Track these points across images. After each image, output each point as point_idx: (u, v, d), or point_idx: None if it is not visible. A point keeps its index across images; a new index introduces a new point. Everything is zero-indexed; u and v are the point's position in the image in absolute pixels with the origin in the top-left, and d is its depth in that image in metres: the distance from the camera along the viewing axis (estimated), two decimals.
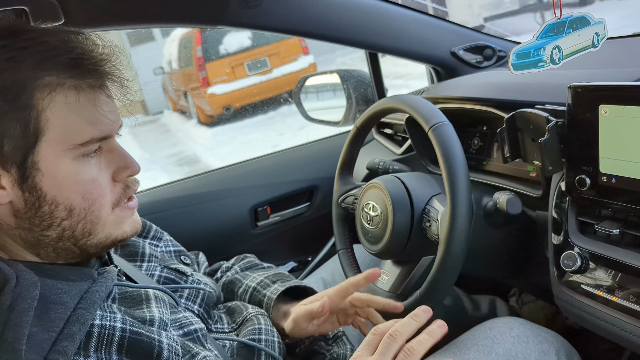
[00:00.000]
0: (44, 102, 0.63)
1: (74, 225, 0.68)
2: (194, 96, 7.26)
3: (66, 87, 0.65)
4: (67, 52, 0.65)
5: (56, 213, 0.67)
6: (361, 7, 1.31)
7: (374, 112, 1.05)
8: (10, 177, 0.64)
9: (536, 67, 0.81)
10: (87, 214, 0.69)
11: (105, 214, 0.71)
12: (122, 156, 0.72)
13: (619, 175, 0.78)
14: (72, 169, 0.66)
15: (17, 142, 0.63)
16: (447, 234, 0.83)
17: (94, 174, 0.69)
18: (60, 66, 0.64)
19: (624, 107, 0.75)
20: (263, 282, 1.01)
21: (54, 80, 0.64)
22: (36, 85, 0.63)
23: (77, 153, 0.67)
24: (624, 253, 0.78)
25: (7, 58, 0.63)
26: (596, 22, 0.82)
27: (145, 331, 0.67)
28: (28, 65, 0.63)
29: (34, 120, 0.63)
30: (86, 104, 0.66)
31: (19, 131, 0.63)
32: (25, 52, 0.63)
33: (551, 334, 0.96)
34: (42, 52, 0.64)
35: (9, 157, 0.63)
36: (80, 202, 0.68)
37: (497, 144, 1.15)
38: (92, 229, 0.70)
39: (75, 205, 0.67)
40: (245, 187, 1.59)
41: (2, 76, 0.62)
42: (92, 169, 0.68)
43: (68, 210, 0.67)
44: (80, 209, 0.68)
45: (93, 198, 0.68)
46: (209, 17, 1.18)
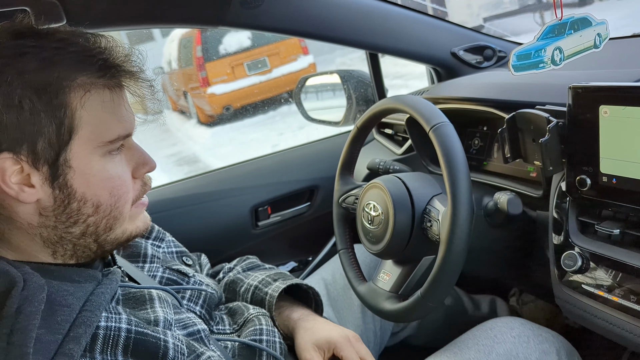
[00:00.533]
0: (79, 102, 0.65)
1: (98, 222, 0.70)
2: (193, 96, 7.26)
3: (99, 86, 0.67)
4: (99, 54, 0.67)
5: (83, 210, 0.69)
6: (361, 8, 1.32)
7: (375, 112, 1.05)
8: (40, 176, 0.65)
9: (537, 68, 0.81)
10: (112, 210, 0.71)
11: (127, 210, 0.73)
12: (140, 153, 0.75)
13: (619, 175, 0.78)
14: (101, 166, 0.69)
15: (51, 140, 0.64)
16: (448, 234, 0.83)
17: (120, 170, 0.71)
18: (93, 67, 0.67)
19: (625, 107, 0.75)
20: (264, 280, 1.01)
21: (88, 80, 0.66)
22: (71, 85, 0.65)
23: (105, 150, 0.69)
24: (624, 253, 0.79)
25: (43, 58, 0.64)
26: (598, 22, 0.82)
27: (150, 331, 0.68)
28: (64, 65, 0.65)
29: (68, 118, 0.65)
30: (116, 103, 0.69)
31: (54, 130, 0.64)
32: (60, 53, 0.65)
33: (552, 334, 0.96)
34: (77, 53, 0.66)
35: (42, 155, 0.65)
36: (108, 199, 0.70)
37: (497, 144, 1.15)
38: (114, 224, 0.72)
39: (102, 202, 0.69)
40: (246, 187, 1.59)
41: (37, 76, 0.63)
42: (118, 166, 0.71)
43: (95, 207, 0.69)
44: (107, 205, 0.70)
45: (119, 194, 0.71)
46: (210, 17, 1.18)
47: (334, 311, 1.20)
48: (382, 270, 1.03)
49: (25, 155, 0.64)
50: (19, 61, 0.63)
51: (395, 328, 1.28)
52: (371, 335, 1.19)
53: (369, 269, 1.21)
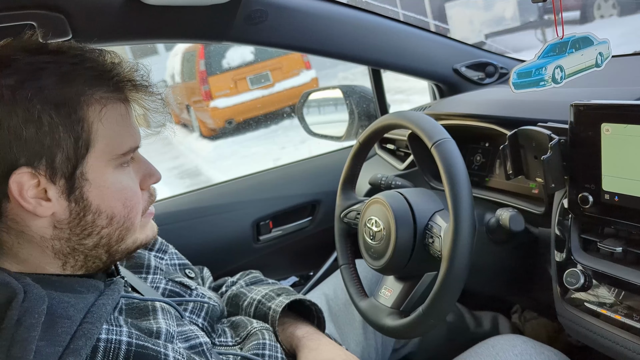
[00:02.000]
0: (96, 116, 0.67)
1: (112, 233, 0.72)
2: (196, 109, 7.29)
3: (114, 100, 0.70)
4: (113, 69, 0.70)
5: (98, 221, 0.70)
6: (364, 24, 1.33)
7: (377, 128, 1.06)
8: (57, 189, 0.66)
9: (537, 86, 0.81)
10: (125, 221, 0.72)
11: (138, 220, 0.75)
12: (146, 165, 0.77)
13: (621, 193, 0.78)
14: (114, 178, 0.70)
15: (69, 154, 0.66)
16: (450, 250, 0.83)
17: (131, 182, 0.73)
18: (109, 82, 0.69)
19: (626, 125, 0.75)
20: (268, 295, 1.00)
21: (105, 94, 0.68)
22: (89, 100, 0.67)
23: (118, 162, 0.71)
24: (627, 271, 0.78)
25: (61, 74, 0.65)
26: (600, 42, 0.82)
27: (151, 344, 0.67)
28: (81, 80, 0.67)
29: (85, 133, 0.66)
30: (128, 117, 0.72)
31: (72, 144, 0.66)
32: (77, 69, 0.67)
33: (554, 352, 0.96)
34: (93, 69, 0.68)
35: (59, 169, 0.66)
36: (121, 210, 0.71)
37: (499, 160, 1.15)
38: (126, 234, 0.74)
39: (116, 213, 0.71)
40: (248, 201, 1.59)
41: (57, 91, 0.64)
42: (129, 178, 0.73)
43: (109, 218, 0.71)
44: (121, 216, 0.71)
45: (132, 205, 0.73)
46: (214, 33, 1.19)
47: (336, 327, 1.19)
48: (384, 286, 1.02)
49: (43, 170, 0.65)
50: (37, 77, 0.64)
51: (396, 344, 1.28)
52: (372, 351, 1.19)
53: (370, 285, 1.21)
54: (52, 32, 0.98)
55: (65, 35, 1.00)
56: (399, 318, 0.95)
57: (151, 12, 1.09)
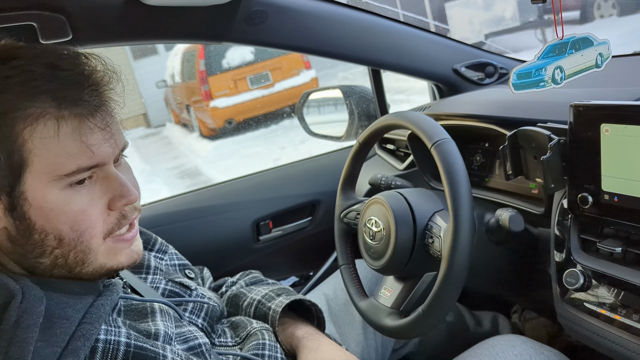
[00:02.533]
0: (25, 134, 0.62)
1: (65, 254, 0.68)
2: (196, 109, 7.29)
3: (47, 117, 0.63)
4: (51, 81, 0.64)
5: (47, 242, 0.67)
6: (364, 25, 1.33)
7: (377, 128, 1.06)
8: (1, 204, 0.65)
9: (537, 87, 0.81)
10: (77, 244, 0.68)
11: (96, 244, 0.69)
12: (118, 184, 0.69)
13: (621, 193, 0.78)
14: (60, 200, 0.65)
15: (3, 171, 0.63)
16: (449, 251, 0.83)
17: (84, 204, 0.67)
18: (43, 96, 0.63)
19: (626, 126, 0.76)
20: (268, 295, 1.01)
21: (36, 110, 0.63)
22: (18, 116, 0.62)
23: (65, 183, 0.65)
24: (626, 271, 0.79)
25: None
26: (600, 42, 0.82)
27: (149, 345, 0.68)
28: (10, 95, 0.62)
29: (17, 151, 0.63)
30: (67, 136, 0.64)
31: (3, 161, 0.63)
32: (9, 82, 0.62)
33: (553, 352, 0.96)
34: (25, 82, 0.63)
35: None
36: (69, 233, 0.67)
37: (499, 160, 1.16)
38: (85, 258, 0.69)
39: (64, 235, 0.67)
40: (248, 201, 1.59)
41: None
42: (82, 199, 0.67)
43: (58, 240, 0.67)
44: (70, 239, 0.67)
45: (82, 229, 0.67)
46: (214, 33, 1.19)
47: (335, 327, 1.19)
48: (384, 286, 1.02)
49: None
50: None
51: (396, 344, 1.28)
52: (372, 351, 1.19)
53: (370, 285, 1.21)
54: (53, 33, 0.98)
55: (65, 35, 1.00)
56: (399, 318, 0.95)
57: (151, 12, 1.09)
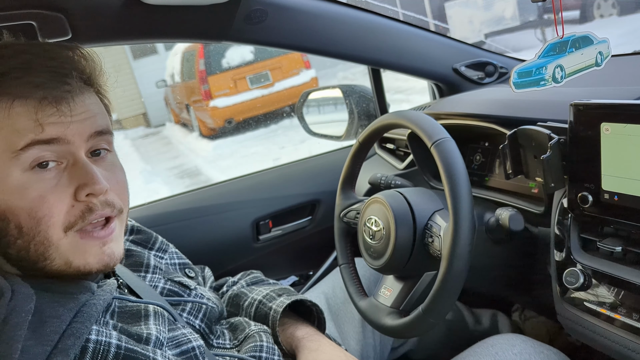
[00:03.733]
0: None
1: (26, 246, 0.66)
2: (196, 109, 7.29)
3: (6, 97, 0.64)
4: (20, 67, 0.65)
5: (8, 230, 0.66)
6: (364, 24, 1.33)
7: (377, 127, 1.06)
8: None
9: (538, 86, 0.81)
10: (35, 234, 0.65)
11: (55, 236, 0.66)
12: (84, 172, 0.67)
13: (621, 192, 0.78)
14: (19, 182, 0.64)
15: None
16: (449, 250, 0.83)
17: (44, 189, 0.65)
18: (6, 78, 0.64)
19: (626, 125, 0.75)
20: (269, 295, 1.00)
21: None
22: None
23: (25, 163, 0.64)
24: (626, 270, 0.78)
25: None
26: (600, 41, 0.82)
27: (140, 349, 0.67)
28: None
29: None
30: (20, 115, 0.64)
31: None
32: None
33: (553, 351, 0.96)
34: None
35: None
36: (27, 220, 0.65)
37: (499, 160, 1.15)
38: (45, 251, 0.66)
39: (22, 223, 0.65)
40: (247, 200, 1.59)
41: None
42: (43, 185, 0.65)
43: (18, 229, 0.65)
44: (28, 227, 0.65)
45: (39, 216, 0.65)
46: (214, 32, 1.19)
47: (335, 326, 1.19)
48: (383, 285, 1.02)
49: None
50: None
51: (395, 343, 1.28)
52: (371, 350, 1.19)
53: (370, 284, 1.21)
54: (52, 32, 0.98)
55: (64, 34, 1.00)
56: (399, 317, 0.95)
57: (151, 11, 1.08)
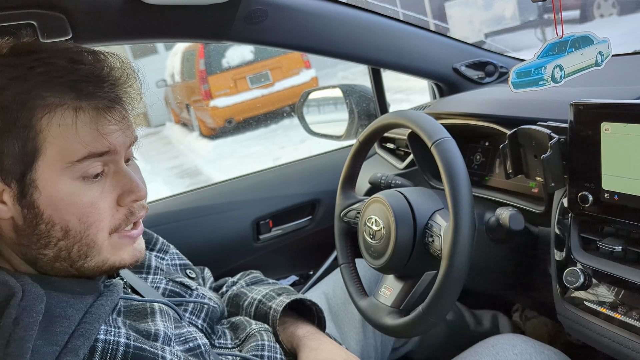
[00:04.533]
0: (43, 122, 0.64)
1: (69, 247, 0.68)
2: (196, 109, 7.29)
3: (66, 107, 0.65)
4: (72, 73, 0.66)
5: (52, 233, 0.67)
6: (364, 24, 1.33)
7: (377, 127, 1.06)
8: (11, 193, 0.65)
9: (537, 86, 0.81)
10: (83, 237, 0.68)
11: (101, 238, 0.70)
12: (127, 180, 0.71)
13: (621, 192, 0.78)
14: (70, 190, 0.66)
15: (16, 159, 0.64)
16: (449, 249, 0.83)
17: (94, 197, 0.68)
18: (63, 87, 0.65)
19: (626, 124, 0.76)
20: (268, 294, 1.00)
21: (56, 100, 0.65)
22: (37, 105, 0.64)
23: (77, 173, 0.66)
24: (626, 270, 0.78)
25: (13, 77, 0.64)
26: (600, 41, 0.82)
27: (149, 346, 0.67)
28: (31, 85, 0.64)
29: (32, 139, 0.64)
30: (84, 125, 0.66)
31: (18, 149, 0.64)
32: (31, 72, 0.64)
33: (554, 351, 0.96)
34: (48, 73, 0.65)
35: (9, 172, 0.64)
36: (77, 224, 0.67)
37: (499, 159, 1.15)
38: (88, 252, 0.69)
39: (71, 227, 0.67)
40: (248, 200, 1.59)
41: (5, 95, 0.63)
42: (92, 192, 0.68)
43: (64, 231, 0.67)
44: (76, 231, 0.67)
45: (90, 222, 0.68)
46: (214, 32, 1.19)
47: (335, 325, 1.19)
48: (384, 285, 1.02)
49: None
50: None
51: (396, 343, 1.28)
52: (372, 350, 1.19)
53: (370, 284, 1.21)
54: (52, 32, 0.98)
55: (65, 34, 1.00)
56: (399, 317, 0.95)
57: (151, 11, 1.08)
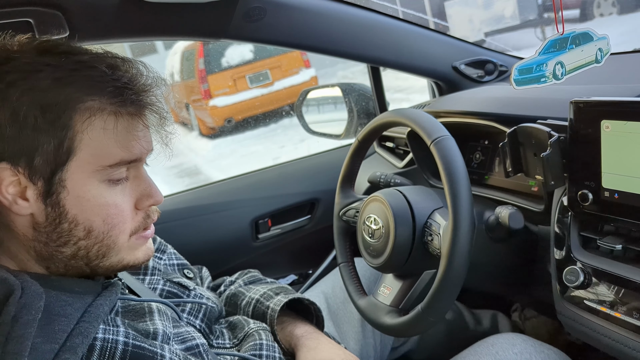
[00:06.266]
0: (83, 125, 0.65)
1: (89, 246, 0.69)
2: (195, 108, 7.29)
3: (106, 112, 0.67)
4: (114, 80, 0.67)
5: (75, 232, 0.68)
6: (363, 22, 1.32)
7: (376, 125, 1.05)
8: (35, 190, 0.66)
9: (538, 83, 0.81)
10: (105, 238, 0.70)
11: (122, 240, 0.72)
12: (147, 184, 0.74)
13: (621, 190, 0.78)
14: (97, 192, 0.68)
15: (49, 157, 0.64)
16: (449, 248, 0.83)
17: (118, 199, 0.70)
18: (104, 92, 0.66)
19: (626, 122, 0.75)
20: (266, 294, 1.00)
21: (96, 104, 0.66)
22: (78, 107, 0.65)
23: (105, 176, 0.68)
24: (626, 269, 0.78)
25: (56, 77, 0.64)
26: (599, 37, 0.82)
27: (148, 345, 0.67)
28: (75, 87, 0.65)
29: (68, 139, 0.65)
30: (122, 130, 0.68)
31: (52, 147, 0.64)
32: (74, 75, 0.65)
33: (553, 351, 0.96)
34: (90, 77, 0.66)
35: (38, 170, 0.65)
36: (100, 225, 0.69)
37: (499, 158, 1.15)
38: (107, 252, 0.71)
39: (94, 228, 0.68)
40: (247, 199, 1.59)
41: (47, 94, 0.64)
42: (116, 195, 0.70)
43: (87, 231, 0.68)
44: (99, 231, 0.69)
45: (114, 223, 0.70)
46: (213, 30, 1.19)
47: (334, 325, 1.19)
48: (383, 284, 1.02)
49: (23, 168, 0.64)
50: (32, 77, 0.64)
51: (395, 342, 1.27)
52: (371, 349, 1.18)
53: (369, 283, 1.21)
54: (49, 29, 0.98)
55: (62, 32, 1.00)
56: (398, 316, 0.94)
57: (149, 9, 1.08)
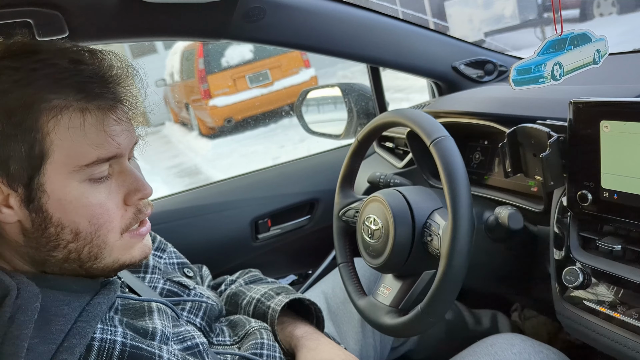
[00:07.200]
0: (49, 125, 0.63)
1: (80, 248, 0.68)
2: (195, 108, 7.29)
3: (72, 109, 0.64)
4: (76, 75, 0.65)
5: (62, 235, 0.67)
6: (363, 22, 1.32)
7: (375, 125, 1.05)
8: (17, 197, 0.65)
9: (537, 83, 0.81)
10: (94, 238, 0.68)
11: (113, 239, 0.70)
12: (133, 179, 0.71)
13: (620, 191, 0.78)
14: (78, 192, 0.66)
15: (23, 163, 0.63)
16: (448, 248, 0.83)
17: (102, 198, 0.68)
18: (68, 89, 0.64)
19: (625, 123, 0.75)
20: (267, 293, 1.00)
21: (61, 102, 0.64)
22: (42, 107, 0.63)
23: (84, 176, 0.66)
24: (626, 269, 0.78)
25: (16, 80, 0.63)
26: (597, 39, 0.82)
27: (145, 345, 0.67)
28: (36, 87, 0.63)
29: (39, 142, 0.63)
30: (91, 127, 0.65)
31: (24, 153, 0.63)
32: (34, 74, 0.63)
33: (552, 351, 0.96)
34: (51, 75, 0.64)
35: (16, 176, 0.64)
36: (87, 226, 0.67)
37: (498, 158, 1.15)
38: (99, 253, 0.69)
39: (81, 229, 0.67)
40: (246, 199, 1.59)
41: (9, 98, 0.62)
42: (100, 193, 0.68)
43: (74, 234, 0.67)
44: (87, 233, 0.67)
45: (100, 223, 0.68)
46: (212, 30, 1.19)
47: (334, 325, 1.19)
48: (382, 284, 1.02)
49: (2, 176, 0.63)
50: None
51: (395, 343, 1.27)
52: (371, 350, 1.18)
53: (369, 283, 1.21)
54: (49, 30, 0.98)
55: (61, 32, 1.00)
56: (398, 316, 0.94)
57: (148, 9, 1.08)
